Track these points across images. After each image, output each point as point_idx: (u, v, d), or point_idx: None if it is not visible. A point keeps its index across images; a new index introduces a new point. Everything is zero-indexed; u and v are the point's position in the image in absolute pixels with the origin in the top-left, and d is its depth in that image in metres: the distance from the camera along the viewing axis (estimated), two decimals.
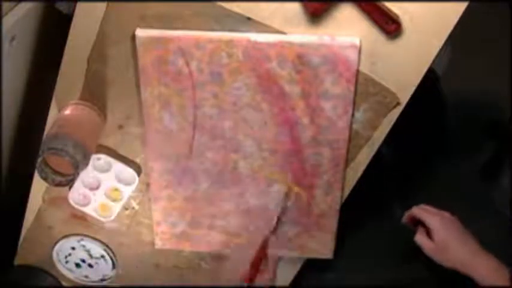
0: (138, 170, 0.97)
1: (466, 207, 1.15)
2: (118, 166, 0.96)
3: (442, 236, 0.84)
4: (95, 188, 0.99)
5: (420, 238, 0.88)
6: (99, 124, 0.91)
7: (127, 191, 0.99)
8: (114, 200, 1.00)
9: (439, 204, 1.02)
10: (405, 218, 0.92)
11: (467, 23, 0.80)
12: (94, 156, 0.95)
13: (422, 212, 0.88)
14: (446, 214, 0.87)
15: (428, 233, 0.88)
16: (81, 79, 0.89)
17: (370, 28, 0.80)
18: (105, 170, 0.97)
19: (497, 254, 0.87)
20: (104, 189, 0.99)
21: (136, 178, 0.97)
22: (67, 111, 0.89)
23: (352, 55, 0.81)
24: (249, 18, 0.81)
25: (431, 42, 0.80)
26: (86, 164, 0.86)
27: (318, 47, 0.81)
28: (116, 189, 0.99)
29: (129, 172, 0.97)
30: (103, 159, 0.96)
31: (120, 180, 0.98)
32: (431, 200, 1.06)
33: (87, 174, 0.97)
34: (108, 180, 0.98)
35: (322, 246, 1.00)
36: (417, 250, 0.90)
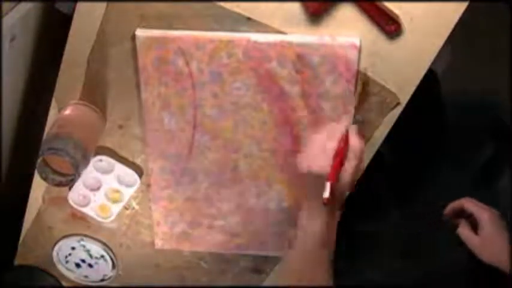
0: (139, 172, 0.97)
1: None
2: (120, 168, 0.96)
3: (490, 231, 0.84)
4: (95, 189, 0.99)
5: (464, 231, 0.87)
6: (99, 124, 0.91)
7: (128, 193, 0.99)
8: (114, 201, 1.00)
9: (439, 204, 1.02)
10: (448, 209, 0.92)
11: (467, 23, 0.80)
12: (96, 158, 0.95)
13: (472, 204, 0.88)
14: (495, 211, 0.87)
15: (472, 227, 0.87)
16: (81, 79, 0.89)
17: (370, 28, 0.80)
18: (107, 171, 0.97)
19: None
20: (104, 191, 0.99)
21: (138, 180, 0.97)
22: (67, 111, 0.89)
23: (352, 55, 0.81)
24: (249, 18, 0.81)
25: (431, 42, 0.80)
26: (86, 164, 0.86)
27: (318, 47, 0.81)
28: (117, 191, 0.99)
29: (130, 174, 0.97)
30: (105, 160, 0.95)
31: (121, 182, 0.98)
32: (430, 200, 1.06)
33: (88, 175, 0.97)
34: (109, 182, 0.98)
35: None
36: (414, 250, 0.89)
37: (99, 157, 0.95)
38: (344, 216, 0.97)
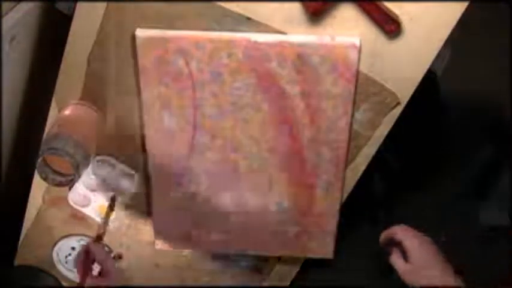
0: (139, 172, 0.97)
1: (465, 206, 1.15)
2: (120, 168, 0.96)
3: (418, 258, 0.85)
4: (95, 189, 0.99)
5: (395, 259, 0.88)
6: (99, 124, 0.91)
7: (128, 193, 0.99)
8: None
9: (439, 203, 1.02)
10: (383, 237, 0.92)
11: (467, 23, 0.80)
12: (96, 158, 0.95)
13: (401, 232, 0.88)
14: (425, 237, 0.87)
15: (403, 254, 0.88)
16: (81, 79, 0.89)
17: (370, 28, 0.80)
18: (108, 172, 0.97)
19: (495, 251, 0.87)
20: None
21: (138, 180, 0.97)
22: (67, 111, 0.89)
23: (352, 55, 0.81)
24: (249, 18, 0.81)
25: (431, 42, 0.80)
26: (86, 164, 0.86)
27: (318, 47, 0.81)
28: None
29: (130, 174, 0.96)
30: (106, 161, 0.95)
31: (122, 183, 0.98)
32: (431, 200, 1.06)
33: (89, 176, 0.97)
34: (109, 183, 0.98)
35: (322, 246, 1.00)
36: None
37: (100, 157, 0.95)
38: (343, 214, 0.97)
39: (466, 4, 0.77)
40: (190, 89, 0.87)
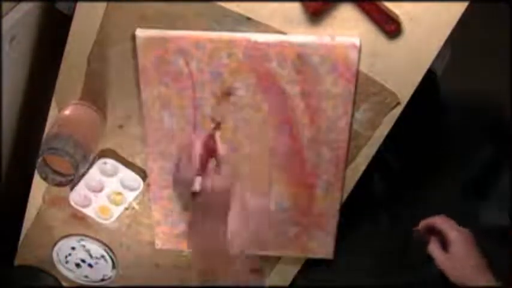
0: (143, 175, 0.97)
1: (465, 206, 1.15)
2: (124, 172, 0.96)
3: (457, 250, 0.85)
4: (97, 190, 0.99)
5: (434, 248, 0.88)
6: (99, 124, 0.91)
7: (130, 196, 0.99)
8: (115, 204, 1.00)
9: (439, 204, 1.02)
10: (421, 225, 0.92)
11: (467, 23, 0.80)
12: (100, 160, 0.95)
13: (443, 223, 0.89)
14: (466, 230, 0.88)
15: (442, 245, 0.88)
16: (81, 79, 0.89)
17: (370, 28, 0.80)
18: (111, 174, 0.97)
19: (496, 255, 0.87)
20: (106, 193, 0.99)
21: (142, 184, 0.97)
22: (67, 111, 0.89)
23: (352, 55, 0.81)
24: (249, 18, 0.81)
25: (431, 42, 0.80)
26: (86, 164, 0.86)
27: (318, 47, 0.81)
28: (119, 194, 0.99)
29: (134, 178, 0.97)
30: (109, 163, 0.95)
31: (124, 186, 0.98)
32: (430, 201, 1.06)
33: (92, 177, 0.97)
34: (112, 185, 0.98)
35: (322, 246, 1.00)
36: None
37: (103, 160, 0.95)
38: (343, 214, 0.97)
39: (466, 4, 0.77)
40: (190, 89, 0.87)
